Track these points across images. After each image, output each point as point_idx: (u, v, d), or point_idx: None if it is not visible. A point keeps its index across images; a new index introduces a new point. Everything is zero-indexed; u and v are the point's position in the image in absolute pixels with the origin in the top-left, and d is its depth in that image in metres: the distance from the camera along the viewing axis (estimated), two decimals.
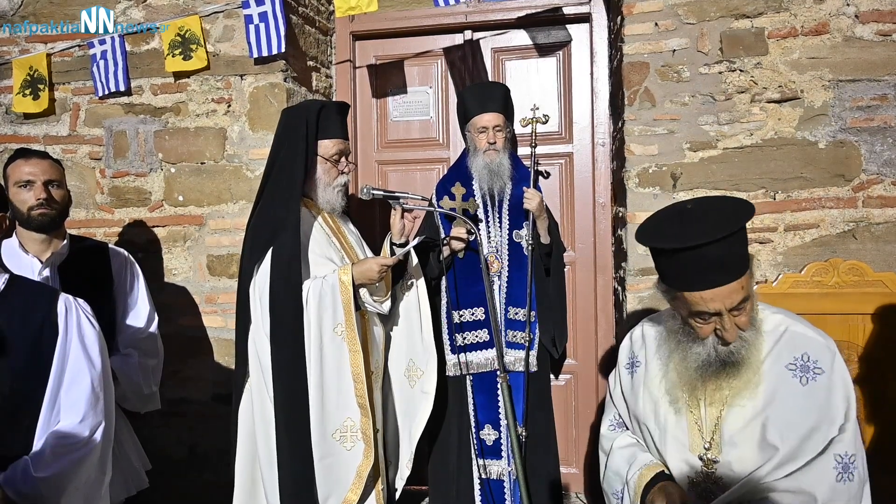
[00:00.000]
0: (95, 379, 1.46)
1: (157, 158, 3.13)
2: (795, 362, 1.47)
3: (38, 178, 2.14)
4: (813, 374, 1.45)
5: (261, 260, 2.19)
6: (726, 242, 1.35)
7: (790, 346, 1.48)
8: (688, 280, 1.40)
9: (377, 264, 2.18)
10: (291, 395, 2.13)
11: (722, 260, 1.36)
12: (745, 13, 2.67)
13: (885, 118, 2.59)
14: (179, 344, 3.04)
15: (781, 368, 1.47)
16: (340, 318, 2.18)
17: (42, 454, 1.38)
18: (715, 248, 1.35)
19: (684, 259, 1.38)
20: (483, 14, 3.34)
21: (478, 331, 2.70)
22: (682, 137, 2.72)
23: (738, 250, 1.39)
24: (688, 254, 1.37)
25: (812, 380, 1.45)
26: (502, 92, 2.77)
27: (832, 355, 1.46)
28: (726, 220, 1.38)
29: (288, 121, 2.36)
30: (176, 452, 3.10)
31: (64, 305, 1.48)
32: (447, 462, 2.76)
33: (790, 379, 1.46)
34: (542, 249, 2.73)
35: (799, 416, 1.43)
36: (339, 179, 2.37)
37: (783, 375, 1.46)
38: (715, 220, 1.39)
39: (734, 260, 1.38)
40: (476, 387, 2.73)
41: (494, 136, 2.68)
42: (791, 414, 1.44)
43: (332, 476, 2.18)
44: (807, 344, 1.48)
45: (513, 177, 2.74)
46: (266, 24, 2.90)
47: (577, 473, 3.31)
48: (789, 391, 1.45)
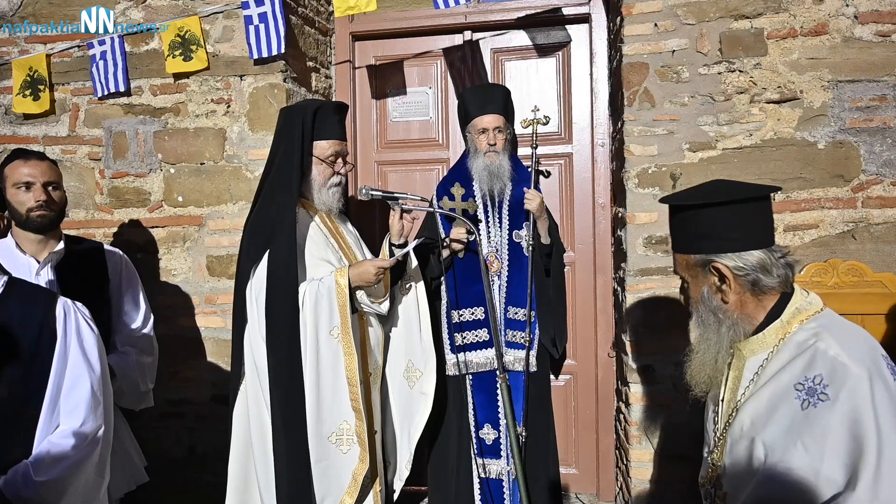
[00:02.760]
0: (95, 383, 1.47)
1: (156, 159, 3.13)
2: (805, 383, 1.26)
3: (37, 179, 2.14)
4: (817, 399, 1.23)
5: (257, 261, 2.19)
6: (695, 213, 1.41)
7: (807, 362, 1.29)
8: (672, 239, 1.53)
9: (374, 266, 2.18)
10: (287, 397, 2.14)
11: (689, 229, 1.45)
12: (744, 14, 2.67)
13: (884, 119, 2.59)
14: (179, 344, 3.04)
15: (789, 386, 1.29)
16: (336, 321, 2.18)
17: (42, 458, 1.39)
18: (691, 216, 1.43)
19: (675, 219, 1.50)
20: (483, 15, 3.34)
21: (477, 330, 2.71)
22: (681, 138, 2.72)
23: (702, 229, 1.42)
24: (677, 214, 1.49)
25: (812, 406, 1.23)
26: (503, 93, 2.77)
27: (850, 382, 1.20)
28: (721, 195, 1.41)
29: (285, 121, 2.35)
30: (175, 453, 3.10)
31: (63, 309, 1.48)
32: (446, 462, 2.77)
33: (792, 400, 1.27)
34: (542, 250, 2.73)
35: (783, 440, 1.25)
36: (335, 180, 2.35)
37: (788, 394, 1.29)
38: (716, 192, 1.43)
39: (694, 235, 1.44)
40: (475, 386, 2.73)
41: (494, 137, 2.68)
42: (778, 439, 1.27)
43: (328, 479, 2.18)
44: (826, 364, 1.25)
45: (513, 178, 2.74)
46: (266, 24, 2.90)
47: (577, 473, 3.31)
48: (786, 412, 1.28)
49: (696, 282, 1.45)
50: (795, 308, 1.38)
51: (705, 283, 1.43)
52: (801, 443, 1.22)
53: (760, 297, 1.40)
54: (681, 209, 1.46)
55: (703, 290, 1.44)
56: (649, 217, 2.75)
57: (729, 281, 1.39)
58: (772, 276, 1.37)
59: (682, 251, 1.48)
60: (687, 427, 2.76)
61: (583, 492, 3.31)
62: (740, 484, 1.34)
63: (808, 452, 1.21)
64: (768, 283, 1.37)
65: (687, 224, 1.45)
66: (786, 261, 1.39)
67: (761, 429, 1.32)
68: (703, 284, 1.44)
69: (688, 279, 1.48)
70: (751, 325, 1.42)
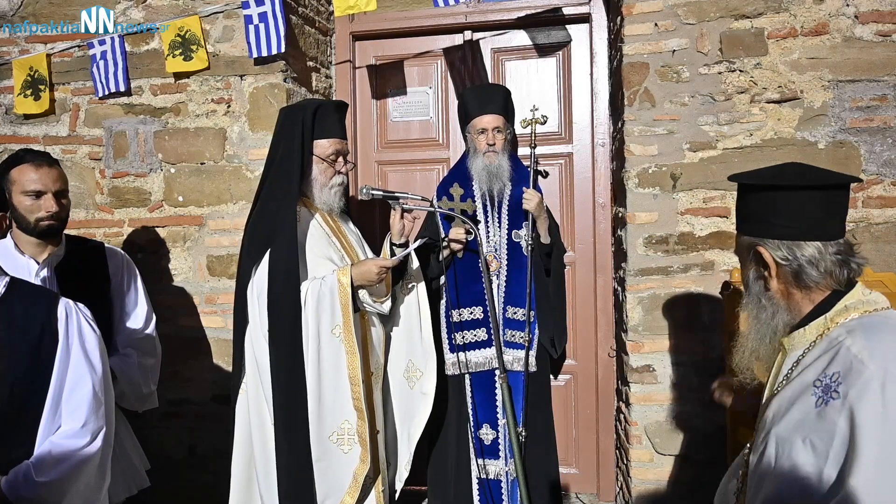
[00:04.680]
0: (97, 383, 1.47)
1: (156, 159, 3.13)
2: (822, 379, 1.20)
3: (49, 188, 2.09)
4: (830, 396, 1.17)
5: (258, 261, 2.19)
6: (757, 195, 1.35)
7: (830, 359, 1.22)
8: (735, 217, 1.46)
9: (376, 266, 2.18)
10: (289, 396, 2.13)
11: (745, 209, 1.38)
12: (744, 13, 2.67)
13: (884, 118, 2.59)
14: (179, 344, 3.04)
15: (810, 382, 1.23)
16: (339, 320, 2.18)
17: (44, 459, 1.39)
18: (749, 196, 1.36)
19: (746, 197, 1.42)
20: (483, 14, 3.34)
21: (476, 330, 2.71)
22: (681, 138, 2.72)
23: (755, 211, 1.34)
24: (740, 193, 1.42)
25: (824, 403, 1.17)
26: (502, 94, 2.77)
27: (861, 381, 1.13)
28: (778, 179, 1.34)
29: (285, 120, 2.35)
30: (176, 453, 3.10)
31: (64, 310, 1.48)
32: (446, 462, 2.77)
33: (809, 396, 1.21)
34: (542, 250, 2.73)
35: (793, 436, 1.21)
36: (336, 179, 2.35)
37: (806, 390, 1.23)
38: (776, 175, 1.37)
39: (747, 215, 1.37)
40: (474, 386, 2.74)
41: (494, 137, 2.69)
42: (789, 434, 1.22)
43: (329, 478, 2.18)
44: (846, 361, 1.18)
45: (512, 178, 2.74)
46: (266, 24, 2.90)
47: (577, 474, 3.31)
48: (801, 408, 1.23)
49: (744, 265, 1.40)
50: (844, 305, 1.29)
51: (751, 267, 1.38)
52: (809, 441, 1.18)
53: (807, 290, 1.31)
54: (744, 187, 1.39)
55: (749, 274, 1.38)
56: (649, 217, 2.75)
57: (771, 268, 1.32)
58: (818, 271, 1.29)
59: (737, 231, 1.43)
60: (687, 427, 2.76)
61: (583, 492, 3.31)
62: (755, 480, 1.30)
63: (815, 452, 1.16)
64: (813, 277, 1.29)
65: (746, 204, 1.38)
66: (841, 258, 1.30)
67: (776, 423, 1.27)
68: (749, 268, 1.38)
69: (742, 261, 1.43)
70: (795, 318, 1.34)
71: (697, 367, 2.72)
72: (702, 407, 2.71)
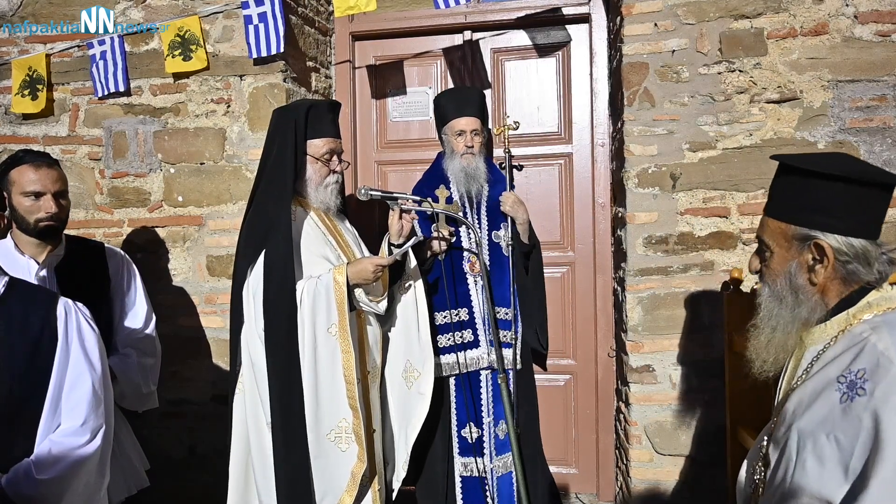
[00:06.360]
0: (96, 382, 1.47)
1: (156, 159, 3.13)
2: (847, 375, 1.19)
3: (48, 189, 2.09)
4: (855, 393, 1.16)
5: (254, 261, 2.19)
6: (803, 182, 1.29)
7: (855, 355, 1.21)
8: (771, 199, 1.40)
9: (372, 264, 2.18)
10: (286, 394, 2.13)
11: (798, 197, 1.31)
12: (744, 14, 2.67)
13: (884, 119, 2.59)
14: (179, 344, 3.04)
15: (833, 378, 1.22)
16: (334, 319, 2.18)
17: (44, 457, 1.39)
18: (805, 183, 1.30)
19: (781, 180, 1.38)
20: (482, 14, 3.34)
21: (462, 331, 2.73)
22: (681, 138, 2.72)
23: (814, 201, 1.29)
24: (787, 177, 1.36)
25: (850, 399, 1.16)
26: (478, 96, 2.84)
27: (888, 378, 1.12)
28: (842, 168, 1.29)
29: (278, 121, 2.35)
30: (176, 453, 3.10)
31: (63, 309, 1.48)
32: (433, 461, 2.78)
33: (833, 392, 1.20)
34: (521, 248, 2.77)
35: (816, 431, 1.19)
36: (331, 178, 2.36)
37: (830, 385, 1.22)
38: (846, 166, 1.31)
39: (801, 205, 1.30)
40: (458, 385, 2.76)
41: (472, 139, 2.75)
42: (813, 429, 1.21)
43: (327, 477, 2.18)
44: (872, 358, 1.17)
45: (489, 179, 2.81)
46: (265, 24, 2.90)
47: (577, 473, 3.31)
48: (824, 403, 1.21)
49: (785, 254, 1.33)
50: (867, 301, 1.28)
51: (796, 258, 1.32)
52: (833, 436, 1.17)
53: (847, 286, 1.30)
54: (794, 172, 1.32)
55: (792, 265, 1.32)
56: (649, 217, 2.75)
57: (828, 263, 1.28)
58: (870, 270, 1.27)
59: (778, 217, 1.34)
60: (687, 427, 2.76)
61: (582, 492, 3.31)
62: (779, 474, 1.28)
63: (839, 447, 1.15)
64: (864, 275, 1.27)
65: (798, 191, 1.31)
66: (886, 257, 1.28)
67: (798, 417, 1.26)
68: (793, 259, 1.32)
69: (774, 248, 1.36)
70: (821, 312, 1.32)
71: (697, 367, 2.72)
72: (702, 407, 2.72)
